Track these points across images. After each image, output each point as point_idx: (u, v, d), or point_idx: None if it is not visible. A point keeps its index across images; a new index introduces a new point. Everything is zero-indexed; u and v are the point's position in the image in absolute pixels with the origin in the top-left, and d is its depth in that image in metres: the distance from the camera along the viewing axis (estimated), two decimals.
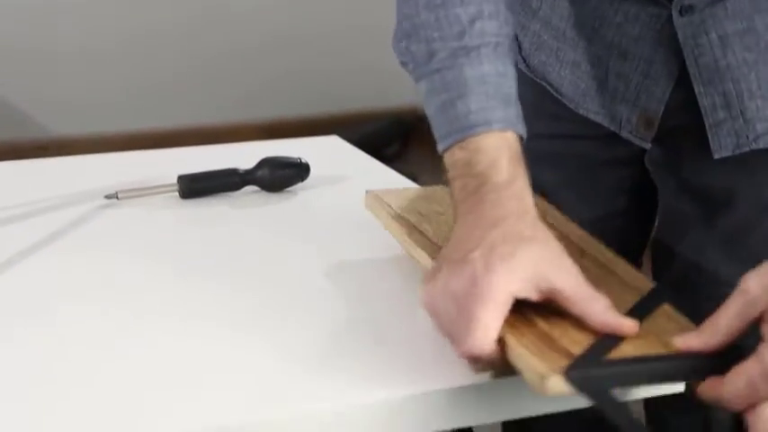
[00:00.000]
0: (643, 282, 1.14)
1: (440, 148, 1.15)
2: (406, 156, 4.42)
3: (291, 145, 1.71)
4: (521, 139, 1.14)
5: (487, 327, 0.99)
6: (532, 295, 1.01)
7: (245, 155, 1.57)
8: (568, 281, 1.01)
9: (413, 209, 1.30)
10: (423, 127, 1.22)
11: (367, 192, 1.36)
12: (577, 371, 0.95)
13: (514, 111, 1.15)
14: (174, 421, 0.97)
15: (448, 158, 1.14)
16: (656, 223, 1.49)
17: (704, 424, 1.10)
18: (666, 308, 1.08)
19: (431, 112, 1.17)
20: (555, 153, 1.22)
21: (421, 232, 1.24)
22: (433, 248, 1.19)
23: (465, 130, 1.12)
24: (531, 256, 1.01)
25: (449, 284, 1.02)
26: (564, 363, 0.96)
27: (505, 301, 1.00)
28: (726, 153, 1.33)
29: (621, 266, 1.15)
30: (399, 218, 1.28)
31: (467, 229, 1.07)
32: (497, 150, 1.11)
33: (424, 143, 4.99)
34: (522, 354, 0.98)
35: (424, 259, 1.19)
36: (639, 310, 1.06)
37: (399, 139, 4.51)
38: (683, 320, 1.06)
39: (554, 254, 1.03)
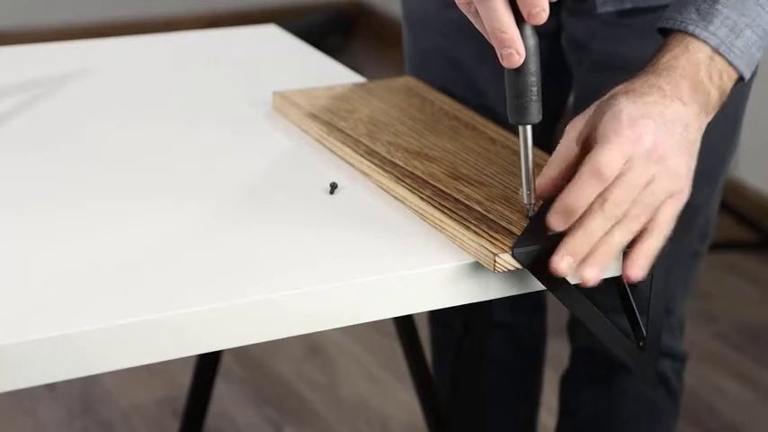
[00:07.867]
0: None
1: None
2: (348, 48, 4.37)
3: (229, 34, 1.68)
4: None
5: None
6: None
7: (182, 45, 1.54)
8: None
9: (323, 107, 1.34)
10: (366, 19, 1.20)
11: (274, 93, 1.38)
12: (522, 248, 1.05)
13: None
14: None
15: None
16: (572, 100, 1.50)
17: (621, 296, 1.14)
18: None
19: None
20: (470, 22, 1.21)
21: (339, 129, 1.28)
22: (355, 142, 1.25)
23: None
24: None
25: None
26: (509, 242, 1.06)
27: None
28: (610, 7, 1.35)
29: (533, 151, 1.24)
30: (314, 116, 1.32)
31: None
32: None
33: (367, 36, 4.91)
34: (471, 237, 1.06)
35: (348, 154, 1.24)
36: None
37: (341, 31, 4.45)
38: None
39: None
